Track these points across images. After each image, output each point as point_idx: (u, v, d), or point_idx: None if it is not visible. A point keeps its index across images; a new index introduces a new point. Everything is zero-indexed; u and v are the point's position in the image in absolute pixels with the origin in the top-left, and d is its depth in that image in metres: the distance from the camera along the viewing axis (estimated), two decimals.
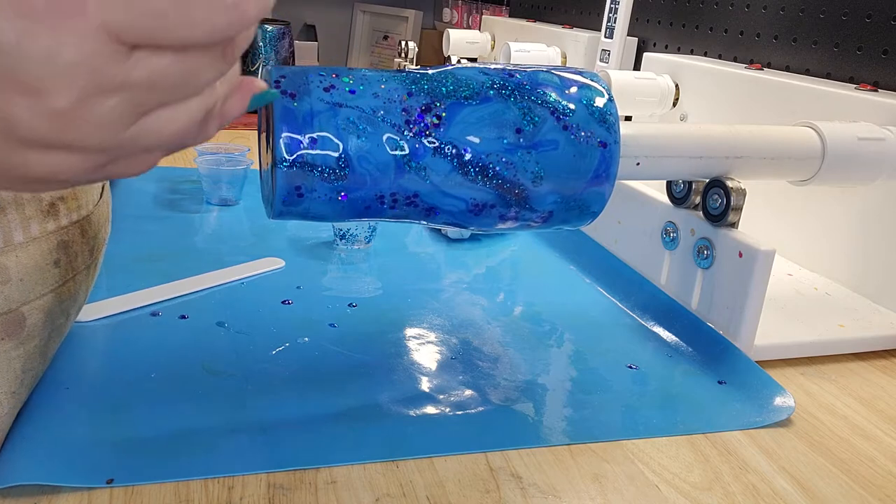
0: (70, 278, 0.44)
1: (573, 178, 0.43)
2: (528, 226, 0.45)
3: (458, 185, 0.41)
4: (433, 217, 0.43)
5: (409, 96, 0.40)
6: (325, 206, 0.40)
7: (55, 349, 0.45)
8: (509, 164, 0.41)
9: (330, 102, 0.39)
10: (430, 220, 0.43)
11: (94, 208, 0.47)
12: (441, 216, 0.43)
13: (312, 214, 0.41)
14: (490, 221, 0.44)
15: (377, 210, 0.41)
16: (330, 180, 0.39)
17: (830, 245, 0.68)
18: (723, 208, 0.54)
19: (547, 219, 0.44)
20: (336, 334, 0.53)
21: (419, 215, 0.42)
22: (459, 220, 0.43)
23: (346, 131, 0.39)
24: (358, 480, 0.38)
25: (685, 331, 0.57)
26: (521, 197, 0.43)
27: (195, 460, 0.38)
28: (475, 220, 0.43)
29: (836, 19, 0.77)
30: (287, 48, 1.32)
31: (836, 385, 0.53)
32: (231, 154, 0.81)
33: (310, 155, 0.38)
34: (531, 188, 0.42)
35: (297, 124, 0.38)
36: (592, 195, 0.44)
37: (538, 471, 0.40)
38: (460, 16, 1.86)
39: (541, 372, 0.51)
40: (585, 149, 0.43)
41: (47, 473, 0.36)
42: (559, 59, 1.18)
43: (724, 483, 0.41)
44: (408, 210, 0.42)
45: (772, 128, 0.57)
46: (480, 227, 0.44)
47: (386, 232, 0.74)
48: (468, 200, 0.42)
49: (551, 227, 0.46)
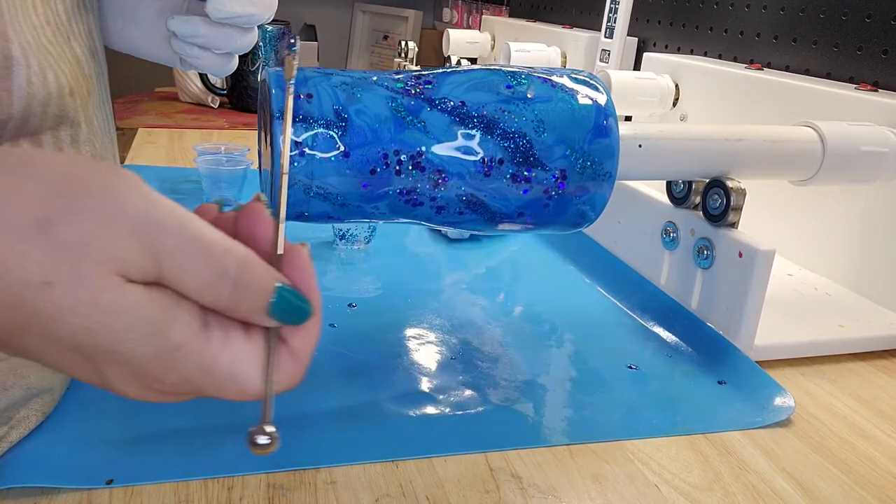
0: None
1: (574, 126, 0.43)
2: (547, 196, 0.44)
3: (462, 137, 0.42)
4: (444, 184, 0.42)
5: (398, 74, 0.43)
6: (328, 168, 0.40)
7: None
8: (506, 111, 0.42)
9: (322, 72, 0.41)
10: (442, 193, 0.42)
11: None
12: (452, 183, 0.42)
13: (316, 188, 0.40)
14: (505, 186, 0.43)
15: (385, 176, 0.41)
16: (330, 133, 0.39)
17: (830, 245, 0.68)
18: (723, 208, 0.54)
19: (563, 180, 0.44)
20: (336, 334, 0.53)
21: (429, 186, 0.42)
22: (472, 185, 0.42)
23: (340, 89, 0.40)
24: (357, 481, 0.38)
25: (685, 331, 0.57)
26: (527, 149, 0.43)
27: (195, 460, 0.38)
28: (488, 183, 0.42)
29: (836, 19, 0.77)
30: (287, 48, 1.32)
31: (836, 385, 0.53)
32: (231, 154, 0.81)
33: (306, 107, 0.39)
34: (535, 137, 0.43)
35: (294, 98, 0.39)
36: (600, 148, 0.44)
37: (538, 471, 0.40)
38: (460, 16, 1.86)
39: (541, 372, 0.51)
40: (577, 103, 0.44)
41: (47, 475, 0.36)
42: (559, 59, 1.18)
43: (724, 483, 0.41)
44: (417, 177, 0.41)
45: (772, 128, 0.57)
46: (497, 198, 0.43)
47: (386, 232, 0.74)
48: (476, 156, 0.42)
49: (571, 201, 0.44)
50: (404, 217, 0.44)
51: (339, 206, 0.42)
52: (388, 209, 0.42)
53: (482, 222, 0.45)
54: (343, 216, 0.43)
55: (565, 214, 0.45)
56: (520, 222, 0.45)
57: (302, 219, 0.42)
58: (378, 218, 0.44)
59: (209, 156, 0.80)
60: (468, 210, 0.44)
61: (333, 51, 2.10)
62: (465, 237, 0.75)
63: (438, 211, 0.43)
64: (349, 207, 0.42)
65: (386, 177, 0.41)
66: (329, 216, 0.42)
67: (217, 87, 1.33)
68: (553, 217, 0.45)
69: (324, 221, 0.43)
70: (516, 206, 0.44)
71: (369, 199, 0.42)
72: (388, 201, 0.42)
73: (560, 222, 0.46)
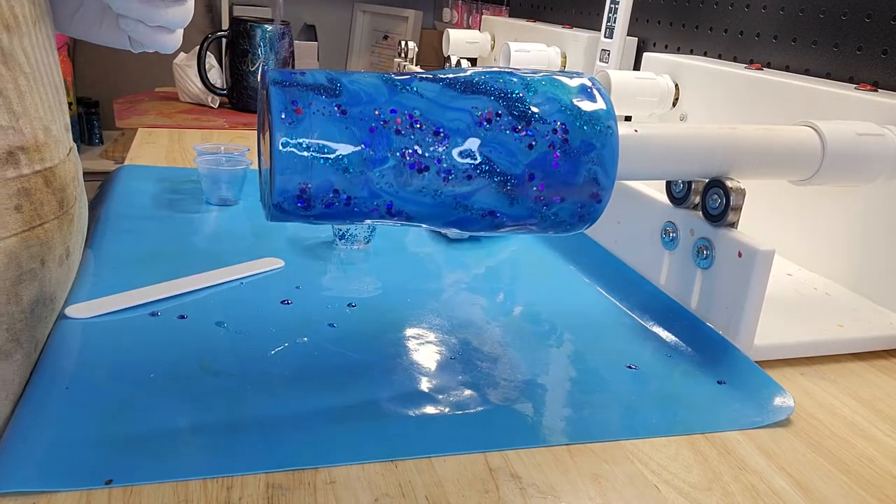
0: (37, 225, 0.46)
1: (564, 90, 0.44)
2: (553, 152, 0.43)
3: (455, 98, 0.42)
4: (446, 141, 0.42)
5: None
6: (326, 123, 0.40)
7: (31, 296, 0.47)
8: (498, 79, 0.44)
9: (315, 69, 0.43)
10: (445, 152, 0.42)
11: (60, 164, 0.49)
12: (453, 140, 0.42)
13: (317, 149, 0.40)
14: (508, 139, 0.43)
15: (385, 135, 0.41)
16: (325, 94, 0.40)
17: (830, 245, 0.68)
18: (722, 208, 0.54)
19: (565, 133, 0.43)
20: (335, 334, 0.53)
21: (430, 143, 0.41)
22: (472, 132, 0.43)
23: (333, 73, 0.42)
24: (357, 480, 0.38)
25: (685, 331, 0.57)
26: (522, 104, 0.43)
27: (194, 460, 0.38)
28: (490, 135, 0.42)
29: (835, 19, 0.77)
30: (287, 48, 1.32)
31: (835, 385, 0.53)
32: (231, 154, 0.81)
33: (300, 78, 0.41)
34: (527, 95, 0.44)
35: (286, 72, 0.41)
36: (596, 114, 0.45)
37: (537, 471, 0.40)
38: (460, 16, 1.86)
39: (540, 372, 0.51)
40: (565, 76, 0.46)
41: (46, 476, 0.36)
42: (559, 59, 1.18)
43: (724, 483, 0.41)
44: (417, 136, 0.41)
45: (771, 127, 0.57)
46: (503, 154, 0.43)
47: (386, 232, 0.74)
48: (472, 111, 0.42)
49: (580, 159, 0.44)
50: (414, 193, 0.42)
51: (342, 172, 0.40)
52: (394, 177, 0.41)
53: (494, 196, 0.43)
54: (348, 188, 0.41)
55: (577, 176, 0.44)
56: (534, 192, 0.43)
57: (305, 199, 0.40)
58: (386, 195, 0.42)
59: (209, 156, 0.80)
60: (477, 175, 0.42)
61: (333, 51, 2.10)
62: (464, 237, 0.75)
63: (446, 179, 0.42)
64: (354, 176, 0.41)
65: (385, 136, 0.41)
66: (334, 188, 0.40)
67: (217, 87, 1.33)
68: (566, 180, 0.44)
69: (329, 204, 0.41)
70: (525, 164, 0.43)
71: (373, 162, 0.41)
72: (393, 166, 0.41)
73: (574, 188, 0.44)
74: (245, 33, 1.28)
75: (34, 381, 0.44)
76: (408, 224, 0.44)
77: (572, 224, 0.46)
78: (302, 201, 0.40)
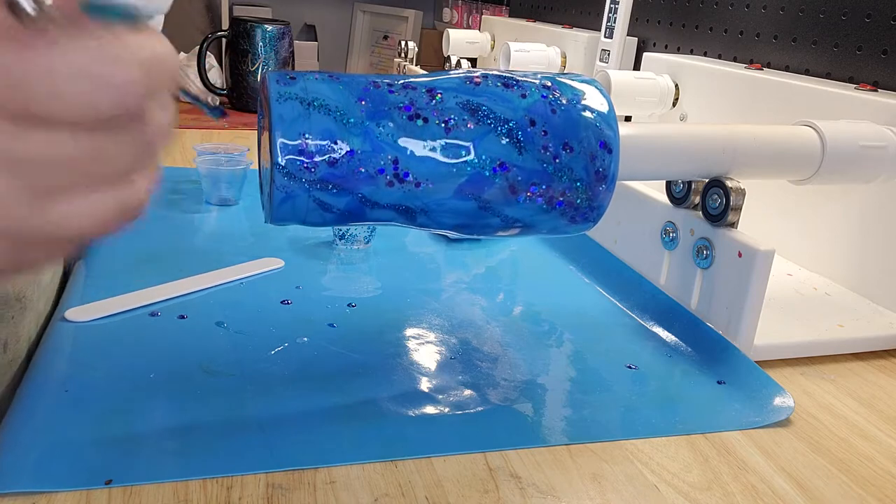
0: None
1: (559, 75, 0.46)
2: (549, 103, 0.43)
3: (450, 77, 0.43)
4: (441, 94, 0.42)
5: None
6: (321, 86, 0.40)
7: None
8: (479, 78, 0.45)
9: None
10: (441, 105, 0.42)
11: None
12: (447, 95, 0.42)
13: (313, 99, 0.40)
14: (501, 91, 0.43)
15: (380, 94, 0.41)
16: (317, 71, 0.41)
17: (830, 245, 0.68)
18: (722, 208, 0.54)
19: (557, 90, 0.44)
20: (335, 334, 0.53)
21: (426, 98, 0.42)
22: (467, 92, 0.43)
23: None
24: (357, 480, 0.38)
25: (684, 331, 0.57)
26: (509, 76, 0.44)
27: (194, 460, 0.38)
28: (481, 90, 0.43)
29: (835, 19, 0.77)
30: (287, 48, 1.32)
31: (835, 385, 0.53)
32: (231, 154, 0.81)
33: (290, 73, 0.41)
34: (513, 74, 0.45)
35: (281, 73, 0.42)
36: (593, 87, 0.45)
37: (537, 471, 0.40)
38: (460, 16, 1.86)
39: (540, 372, 0.51)
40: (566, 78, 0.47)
41: (45, 476, 0.36)
42: (559, 59, 1.18)
43: (723, 483, 0.41)
44: (411, 94, 0.41)
45: (771, 127, 0.57)
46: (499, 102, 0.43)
47: (386, 232, 0.74)
48: (461, 77, 0.43)
49: (581, 113, 0.44)
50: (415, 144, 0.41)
51: (341, 123, 0.40)
52: (394, 128, 0.41)
53: (500, 144, 0.42)
54: (349, 140, 0.40)
55: (578, 124, 0.43)
56: (539, 140, 0.43)
57: (307, 153, 0.39)
58: (390, 148, 0.41)
59: (209, 156, 0.80)
60: (476, 122, 0.42)
61: (333, 51, 2.10)
62: (464, 237, 0.74)
63: (447, 128, 0.41)
64: (353, 126, 0.40)
65: (380, 94, 0.41)
66: (333, 136, 0.39)
67: (217, 87, 1.33)
68: (567, 126, 0.43)
69: (332, 161, 0.40)
70: (522, 109, 0.43)
71: (372, 115, 0.40)
72: (391, 117, 0.41)
73: (579, 135, 0.43)
74: (245, 33, 1.28)
75: (33, 381, 0.44)
76: (421, 207, 0.42)
77: (590, 184, 0.44)
78: (304, 155, 0.39)
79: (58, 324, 0.51)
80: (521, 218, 0.44)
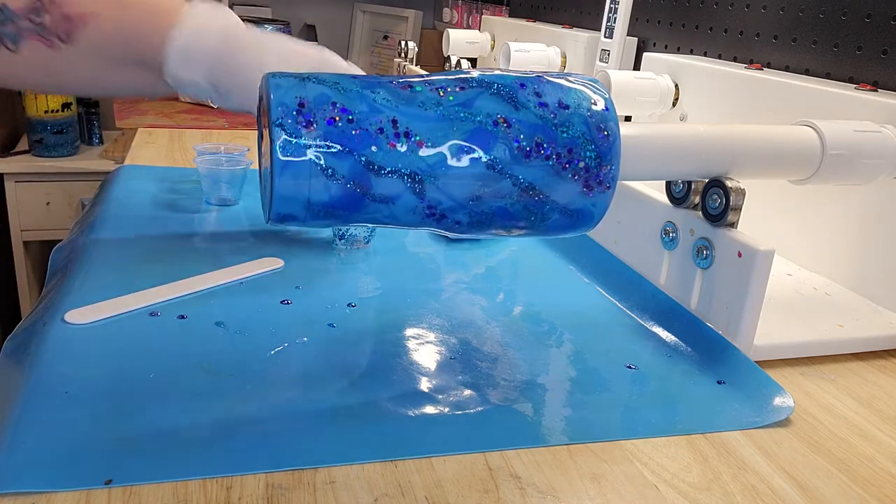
0: None
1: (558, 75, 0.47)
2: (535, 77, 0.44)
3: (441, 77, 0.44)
4: (429, 77, 0.43)
5: None
6: (317, 74, 0.42)
7: None
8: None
9: None
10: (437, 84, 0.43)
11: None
12: (436, 77, 0.43)
13: (306, 74, 0.41)
14: (488, 72, 0.44)
15: (372, 78, 0.42)
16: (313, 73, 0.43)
17: (830, 245, 0.68)
18: (722, 208, 0.54)
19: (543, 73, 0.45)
20: (335, 334, 0.53)
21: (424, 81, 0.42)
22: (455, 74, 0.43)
23: None
24: (356, 480, 0.38)
25: (684, 331, 0.57)
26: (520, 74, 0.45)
27: (193, 460, 0.38)
28: (472, 78, 0.43)
29: (835, 19, 0.77)
30: None
31: (835, 385, 0.53)
32: (231, 154, 0.81)
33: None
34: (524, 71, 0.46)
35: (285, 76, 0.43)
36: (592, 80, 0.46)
37: (537, 471, 0.40)
38: (460, 16, 1.86)
39: (540, 372, 0.51)
40: None
41: (45, 476, 0.36)
42: (559, 59, 1.18)
43: (723, 483, 0.41)
44: (404, 79, 0.42)
45: (771, 127, 0.57)
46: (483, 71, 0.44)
47: (385, 232, 0.74)
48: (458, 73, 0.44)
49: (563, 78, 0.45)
50: (415, 108, 0.41)
51: (337, 90, 0.40)
52: (389, 94, 0.41)
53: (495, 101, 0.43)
54: (346, 102, 0.40)
55: (570, 90, 0.44)
56: (534, 98, 0.43)
57: (305, 113, 0.40)
58: (388, 109, 0.41)
59: (209, 156, 0.80)
60: (469, 86, 0.42)
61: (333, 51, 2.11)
62: (464, 237, 0.74)
63: (441, 92, 0.42)
64: (349, 93, 0.41)
65: (373, 77, 0.43)
66: (330, 100, 0.40)
67: None
68: (561, 90, 0.44)
69: (330, 120, 0.40)
70: (513, 77, 0.44)
71: (367, 85, 0.42)
72: (385, 87, 0.42)
73: (571, 99, 0.44)
74: None
75: (33, 382, 0.44)
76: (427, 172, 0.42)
77: (593, 140, 0.44)
78: (302, 116, 0.40)
79: (58, 325, 0.51)
80: (534, 180, 0.43)
